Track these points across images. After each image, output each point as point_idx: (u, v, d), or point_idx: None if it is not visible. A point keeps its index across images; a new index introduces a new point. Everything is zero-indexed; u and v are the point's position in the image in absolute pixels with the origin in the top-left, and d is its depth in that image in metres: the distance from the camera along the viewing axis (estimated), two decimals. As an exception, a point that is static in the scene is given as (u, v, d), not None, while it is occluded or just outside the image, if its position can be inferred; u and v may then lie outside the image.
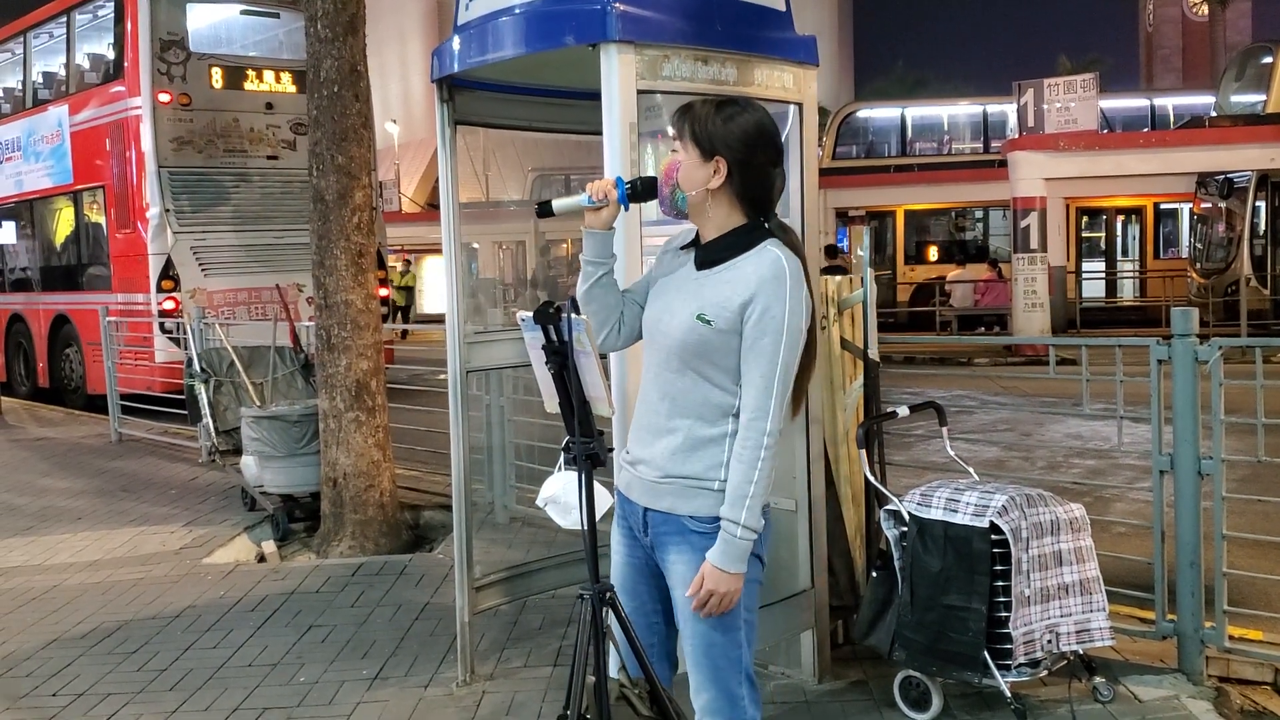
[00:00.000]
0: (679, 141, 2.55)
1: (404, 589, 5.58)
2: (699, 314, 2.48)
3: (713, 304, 2.48)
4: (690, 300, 2.52)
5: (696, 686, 2.60)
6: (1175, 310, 4.20)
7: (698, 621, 2.53)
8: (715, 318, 2.47)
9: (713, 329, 2.47)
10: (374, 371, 6.31)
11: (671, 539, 2.56)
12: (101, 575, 6.04)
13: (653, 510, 2.58)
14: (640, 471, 2.60)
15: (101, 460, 9.66)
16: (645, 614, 2.71)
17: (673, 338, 2.52)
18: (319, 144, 6.20)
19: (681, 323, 2.50)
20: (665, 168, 2.57)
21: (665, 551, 2.59)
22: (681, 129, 2.54)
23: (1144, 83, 57.51)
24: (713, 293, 2.49)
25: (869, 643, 4.01)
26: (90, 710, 4.23)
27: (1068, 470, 8.33)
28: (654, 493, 2.57)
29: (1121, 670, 4.13)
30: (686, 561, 2.53)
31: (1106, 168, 18.92)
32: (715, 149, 2.51)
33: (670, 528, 2.56)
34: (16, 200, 14.79)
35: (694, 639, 2.56)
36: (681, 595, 2.54)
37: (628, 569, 2.70)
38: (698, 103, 2.58)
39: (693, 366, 2.51)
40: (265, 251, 12.48)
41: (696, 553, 2.50)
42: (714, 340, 2.48)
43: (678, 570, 2.56)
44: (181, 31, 12.15)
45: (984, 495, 3.79)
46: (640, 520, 2.62)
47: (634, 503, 2.63)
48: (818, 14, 56.02)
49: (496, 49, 3.80)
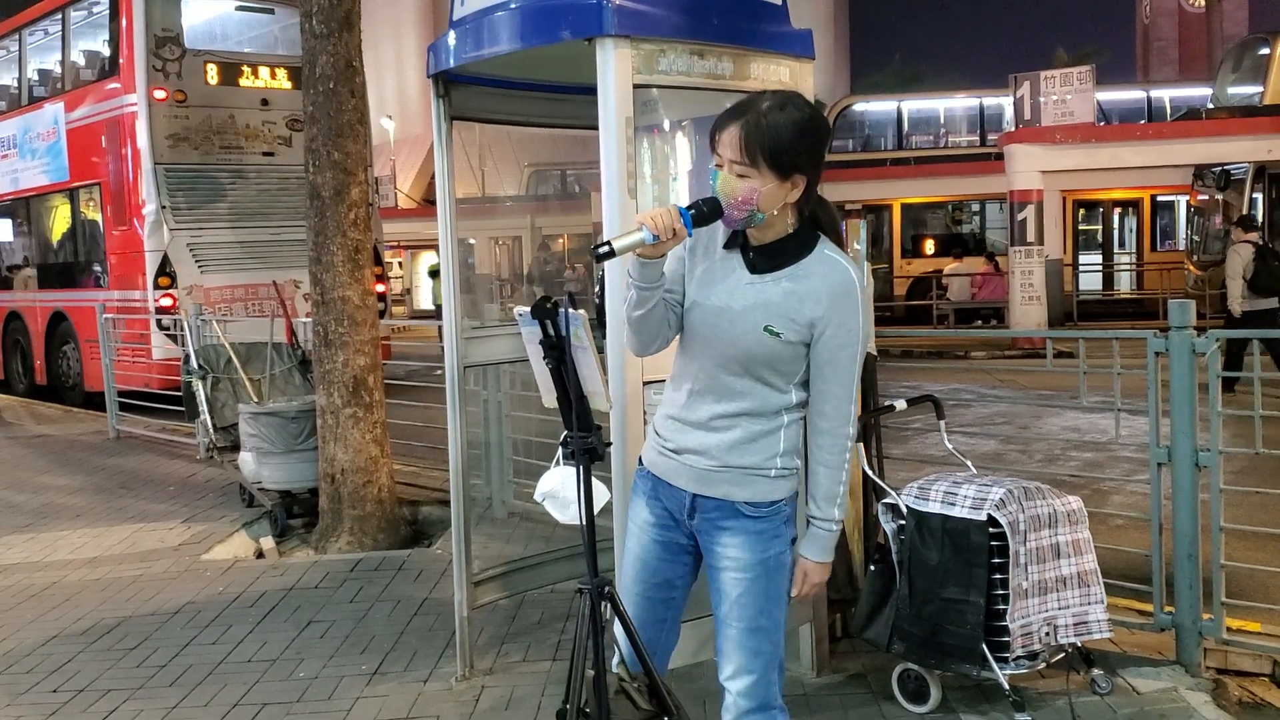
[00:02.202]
0: (750, 167, 2.42)
1: (402, 584, 5.59)
2: (767, 325, 2.48)
3: (781, 316, 2.48)
4: (753, 308, 2.50)
5: (736, 669, 2.60)
6: (1172, 303, 4.20)
7: (745, 607, 2.57)
8: (784, 330, 2.48)
9: (781, 341, 2.48)
10: (371, 367, 6.31)
11: (725, 523, 2.59)
12: (100, 572, 6.05)
13: (704, 496, 2.60)
14: (688, 460, 2.60)
15: (100, 457, 9.66)
16: (669, 589, 2.72)
17: (738, 347, 2.51)
18: (315, 140, 6.19)
19: (747, 333, 2.49)
20: (739, 191, 2.43)
21: (716, 535, 2.61)
22: (755, 155, 2.41)
23: (1140, 75, 57.54)
24: (779, 304, 2.48)
25: (867, 636, 4.01)
26: (90, 706, 4.23)
27: (1065, 463, 8.34)
28: (707, 480, 2.59)
29: (1119, 662, 4.13)
30: (740, 545, 2.57)
31: (1103, 160, 18.91)
32: (795, 169, 2.45)
33: (723, 513, 2.59)
34: (13, 198, 14.78)
35: (741, 623, 2.58)
36: (730, 581, 2.58)
37: (656, 547, 2.70)
38: (767, 116, 2.43)
39: (754, 373, 2.53)
40: (262, 248, 12.46)
41: (749, 536, 2.57)
42: (782, 352, 2.50)
43: (730, 553, 2.59)
44: (176, 28, 12.12)
45: (982, 488, 3.80)
46: (686, 505, 2.63)
47: (679, 488, 2.63)
48: (813, 7, 55.90)
49: (492, 44, 3.79)
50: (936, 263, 23.67)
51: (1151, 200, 23.93)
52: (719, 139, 2.47)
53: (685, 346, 2.61)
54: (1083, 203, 23.96)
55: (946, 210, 25.44)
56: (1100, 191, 23.20)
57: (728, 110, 2.50)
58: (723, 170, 2.46)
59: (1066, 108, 18.40)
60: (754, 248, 2.54)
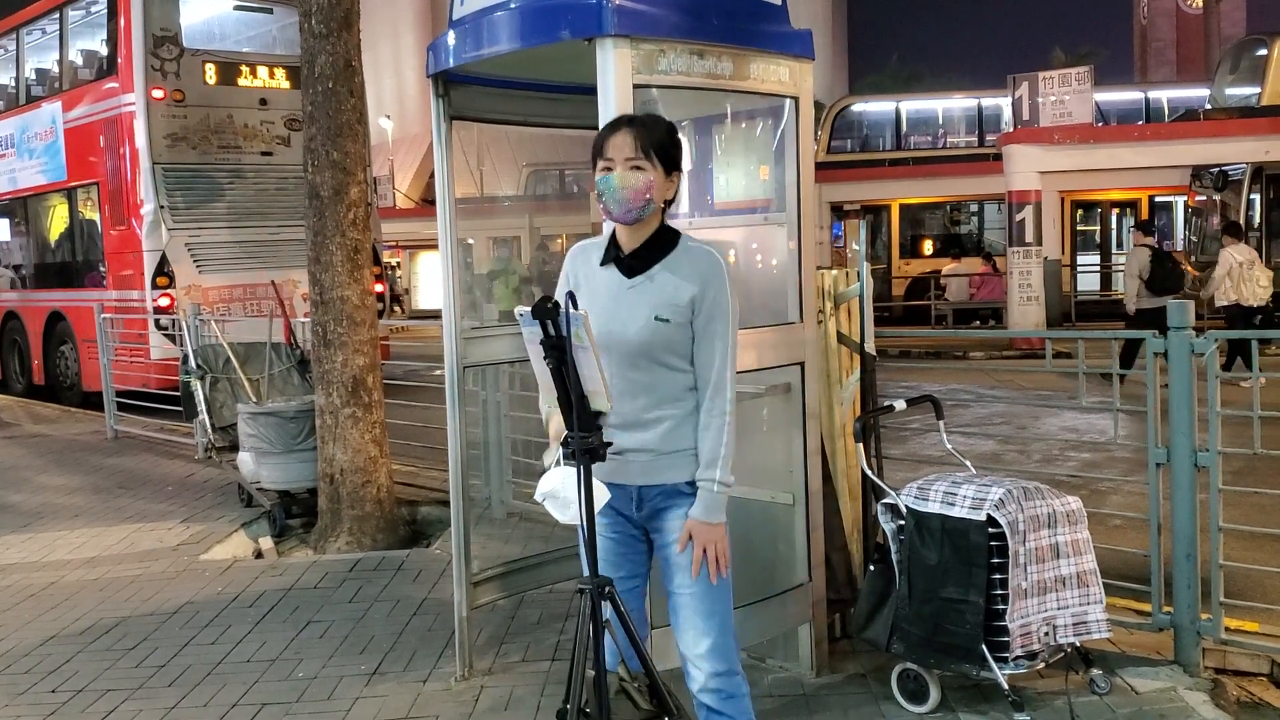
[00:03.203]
0: (644, 160, 2.75)
1: (401, 584, 5.59)
2: (656, 315, 2.77)
3: (665, 304, 2.77)
4: (639, 306, 2.78)
5: (697, 635, 2.82)
6: (1171, 303, 4.20)
7: (696, 576, 2.80)
8: (671, 315, 2.77)
9: (671, 325, 2.77)
10: (370, 367, 6.31)
11: (670, 505, 2.84)
12: (99, 572, 6.04)
13: (650, 486, 2.84)
14: (631, 458, 2.81)
15: (98, 457, 9.65)
16: (632, 578, 2.95)
17: (635, 341, 2.77)
18: (314, 140, 6.19)
19: (642, 327, 2.77)
20: (639, 182, 2.75)
21: (664, 518, 2.85)
22: (646, 148, 2.76)
23: (1138, 76, 57.59)
24: (660, 294, 2.78)
25: (866, 636, 4.01)
26: (89, 706, 4.22)
27: (1064, 463, 8.34)
28: (652, 471, 2.83)
29: (1118, 662, 4.14)
30: (684, 517, 2.81)
31: (1101, 161, 18.92)
32: (675, 167, 2.82)
33: (666, 495, 2.84)
34: (11, 197, 14.76)
35: (694, 588, 2.81)
36: (679, 550, 2.82)
37: (612, 544, 2.91)
38: (648, 121, 2.82)
39: (658, 361, 2.79)
40: (260, 248, 12.45)
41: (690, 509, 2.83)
42: (674, 335, 2.78)
43: (676, 525, 2.83)
44: (175, 27, 12.11)
45: (981, 488, 3.80)
46: (633, 499, 2.86)
47: (624, 485, 2.83)
48: (811, 7, 55.98)
49: (491, 44, 3.80)
50: (935, 263, 23.67)
51: (1149, 201, 23.93)
52: (605, 147, 2.78)
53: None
54: (1081, 203, 23.95)
55: (945, 211, 25.44)
56: (1098, 192, 23.19)
57: (604, 128, 2.83)
58: (614, 171, 2.76)
59: (1065, 108, 18.41)
60: (627, 255, 2.84)
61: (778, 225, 4.04)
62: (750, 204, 4.46)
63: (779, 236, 4.03)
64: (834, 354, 4.43)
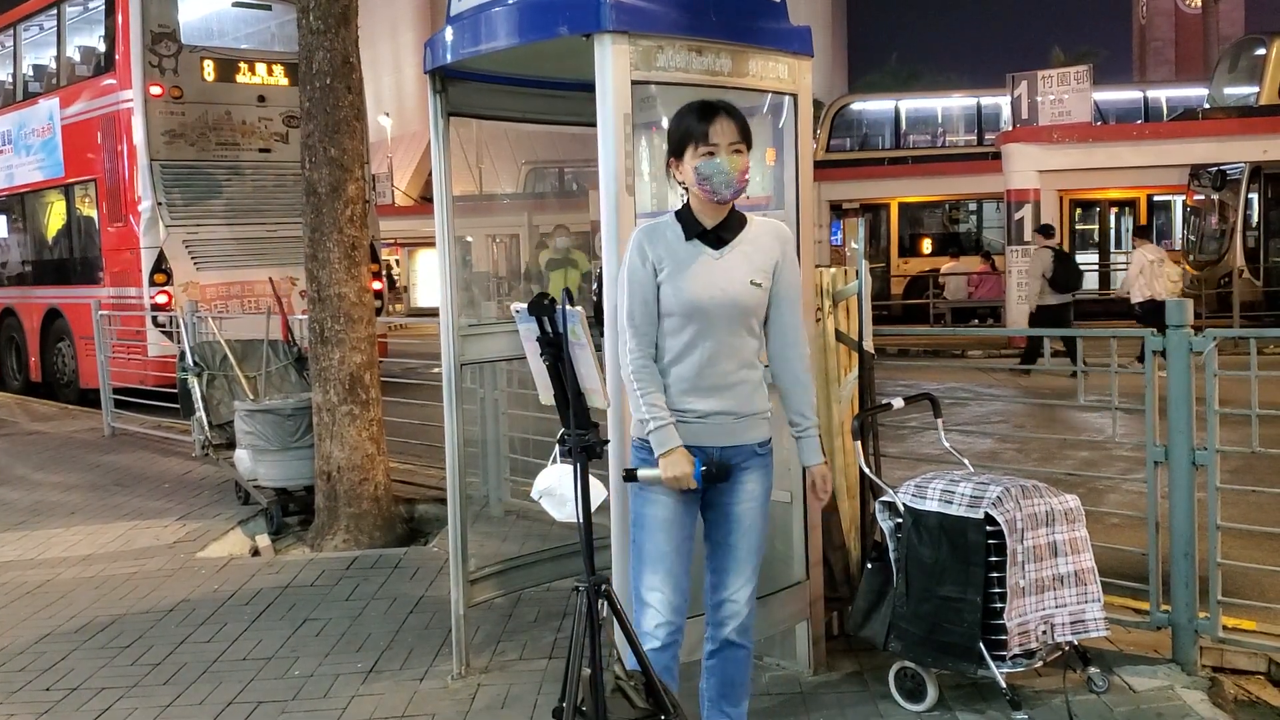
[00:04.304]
0: (744, 144, 3.00)
1: (399, 582, 5.58)
2: (751, 280, 3.02)
3: (756, 270, 3.04)
4: (734, 272, 3.01)
5: (744, 580, 3.13)
6: (1170, 301, 4.19)
7: (755, 530, 3.12)
8: (762, 280, 3.05)
9: (761, 289, 3.05)
10: (368, 365, 6.30)
11: (746, 463, 3.08)
12: (95, 570, 6.03)
13: (731, 447, 3.05)
14: (716, 421, 3.02)
15: (94, 454, 9.63)
16: (691, 539, 3.11)
17: (739, 306, 3.01)
18: (311, 137, 6.18)
19: (741, 292, 3.01)
20: (743, 165, 3.00)
21: (740, 476, 3.08)
22: (747, 133, 3.01)
23: (1137, 75, 57.61)
24: (749, 262, 3.03)
25: (864, 634, 4.01)
26: (84, 704, 4.21)
27: (1062, 461, 8.33)
28: (736, 432, 3.06)
29: (1116, 661, 4.13)
30: (756, 479, 3.11)
31: (1100, 160, 18.93)
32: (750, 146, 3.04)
33: (743, 456, 3.08)
34: (8, 194, 14.74)
35: (752, 541, 3.13)
36: (746, 509, 3.09)
37: (680, 507, 3.05)
38: (735, 108, 3.03)
39: (746, 325, 3.05)
40: (258, 245, 12.44)
41: (761, 470, 3.12)
42: (762, 299, 3.06)
43: (749, 488, 3.09)
44: (173, 24, 12.09)
45: (979, 486, 3.79)
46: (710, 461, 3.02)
47: (704, 447, 3.02)
48: (811, 6, 55.88)
49: (490, 40, 3.79)
50: (933, 261, 23.67)
51: (1148, 200, 23.94)
52: (710, 133, 2.95)
53: (681, 327, 3.01)
54: (1079, 202, 23.95)
55: (944, 209, 25.44)
56: (1097, 191, 23.20)
57: (696, 115, 2.99)
58: (718, 156, 2.95)
59: (1064, 107, 18.42)
60: (712, 230, 3.04)
61: (776, 223, 4.04)
62: (749, 201, 4.44)
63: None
64: (832, 352, 4.42)
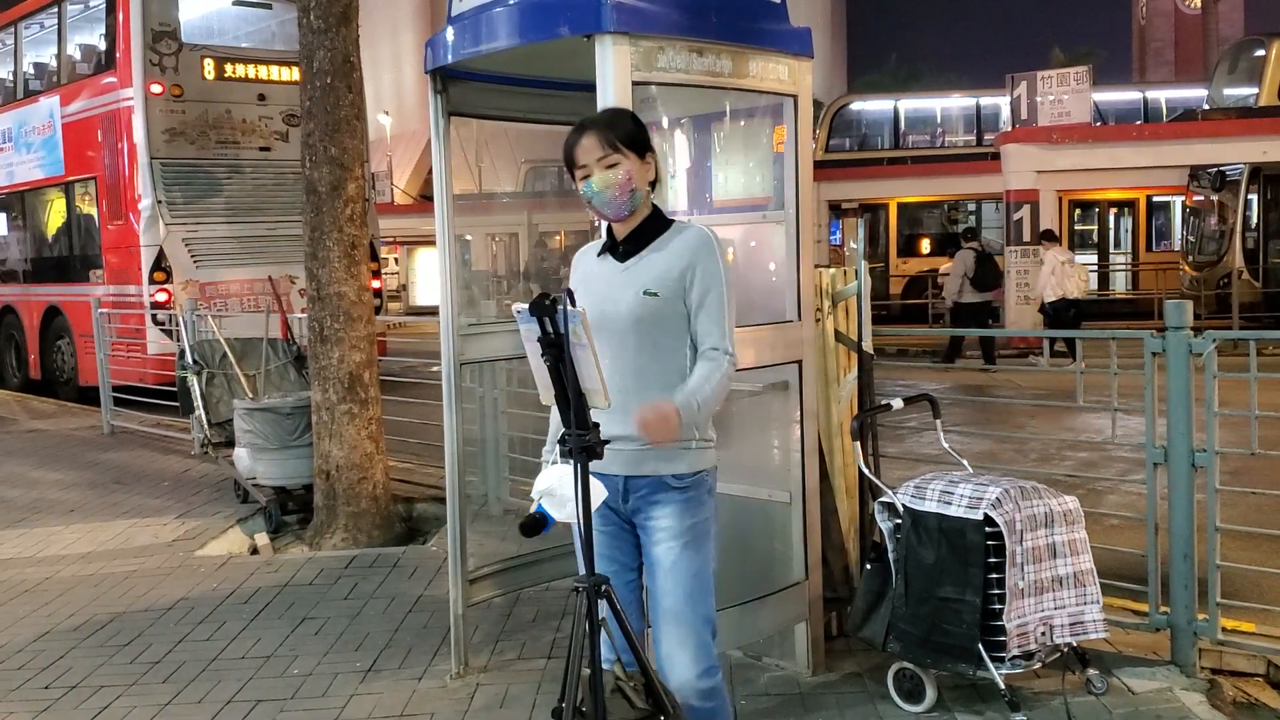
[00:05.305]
0: (615, 154, 2.78)
1: (397, 581, 5.58)
2: (645, 290, 2.77)
3: (655, 280, 2.79)
4: (630, 285, 2.80)
5: (681, 637, 2.79)
6: (1169, 303, 4.19)
7: (679, 572, 2.78)
8: (660, 289, 2.77)
9: (660, 299, 2.77)
10: (367, 363, 6.30)
11: (655, 497, 2.81)
12: (94, 568, 6.03)
13: (635, 477, 2.81)
14: (618, 446, 2.72)
15: (93, 452, 9.63)
16: (625, 571, 2.91)
17: (625, 318, 2.78)
18: (312, 135, 6.18)
19: (630, 302, 2.78)
20: (617, 178, 2.78)
21: (649, 511, 2.82)
22: (614, 142, 2.78)
23: (1137, 76, 57.61)
24: (648, 272, 2.80)
25: (863, 635, 4.01)
26: (83, 703, 4.21)
27: (1061, 463, 8.34)
28: (638, 461, 2.79)
29: (1115, 662, 4.13)
30: (670, 514, 2.80)
31: (1099, 160, 18.93)
32: (646, 148, 2.84)
33: (653, 488, 2.81)
34: (8, 192, 14.73)
35: (678, 588, 2.79)
36: (664, 550, 2.79)
37: (603, 539, 2.83)
38: (602, 118, 2.89)
39: (649, 340, 2.79)
40: (258, 243, 12.43)
41: (677, 505, 2.80)
42: (664, 310, 2.78)
43: (662, 523, 2.80)
44: (173, 22, 12.09)
45: (978, 487, 3.79)
46: (619, 490, 2.82)
47: (611, 475, 2.77)
48: (810, 6, 55.94)
49: (490, 40, 3.79)
50: (932, 262, 23.66)
51: (1147, 201, 23.94)
52: (575, 156, 2.80)
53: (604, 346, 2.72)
54: (1079, 203, 23.93)
55: (943, 210, 25.44)
56: (1096, 192, 23.18)
57: (566, 141, 2.83)
58: (591, 175, 2.79)
59: (1063, 108, 18.41)
60: (621, 241, 2.86)
61: (776, 223, 4.04)
62: (749, 202, 4.45)
63: (778, 235, 4.03)
64: (832, 352, 4.42)
